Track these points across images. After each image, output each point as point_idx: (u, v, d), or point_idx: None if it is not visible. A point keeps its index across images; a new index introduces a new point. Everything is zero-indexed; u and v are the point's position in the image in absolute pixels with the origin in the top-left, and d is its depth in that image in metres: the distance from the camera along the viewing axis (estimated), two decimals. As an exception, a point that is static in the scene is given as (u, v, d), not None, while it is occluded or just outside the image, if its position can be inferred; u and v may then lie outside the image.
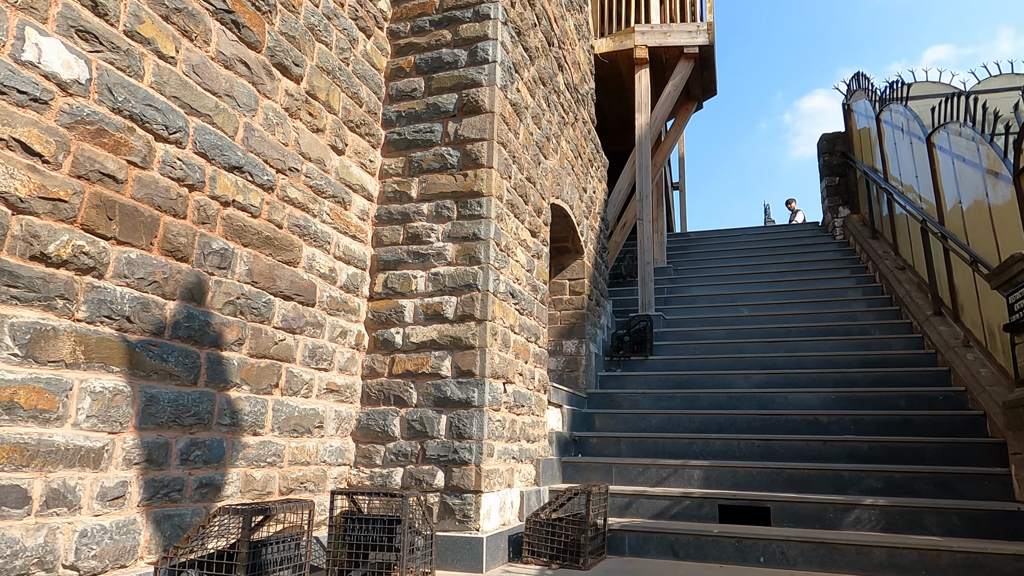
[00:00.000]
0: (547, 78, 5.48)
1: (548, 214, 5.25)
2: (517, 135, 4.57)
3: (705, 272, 9.56)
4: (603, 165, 7.90)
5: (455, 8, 4.47)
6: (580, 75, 7.50)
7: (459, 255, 4.03)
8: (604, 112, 10.18)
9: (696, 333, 7.39)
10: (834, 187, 10.44)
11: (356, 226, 4.07)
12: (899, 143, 7.76)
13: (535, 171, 4.95)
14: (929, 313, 6.33)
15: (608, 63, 8.78)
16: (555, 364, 6.54)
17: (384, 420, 3.92)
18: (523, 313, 4.52)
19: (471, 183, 4.11)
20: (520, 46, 4.79)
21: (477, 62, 4.31)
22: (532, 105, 4.99)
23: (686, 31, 8.42)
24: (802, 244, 10.08)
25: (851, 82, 10.32)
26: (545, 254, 5.11)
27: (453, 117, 4.27)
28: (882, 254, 8.18)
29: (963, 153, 5.67)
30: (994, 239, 5.18)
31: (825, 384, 5.86)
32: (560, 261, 6.80)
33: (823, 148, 10.68)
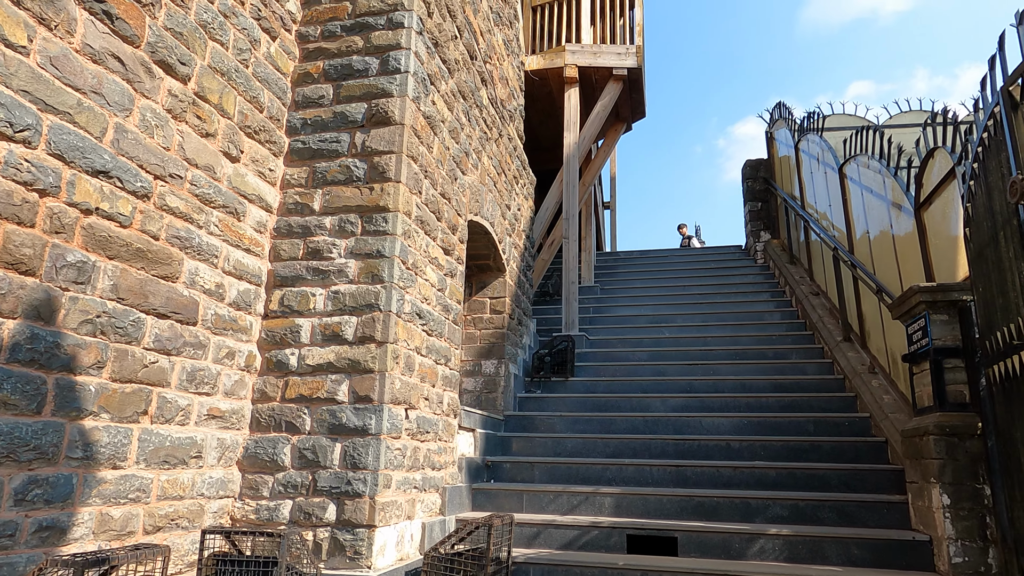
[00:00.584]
0: (468, 92, 5.35)
1: (465, 231, 5.10)
2: (431, 149, 4.40)
3: (632, 292, 9.61)
4: (530, 183, 7.83)
5: (368, 14, 4.29)
6: (508, 91, 7.42)
7: (362, 273, 3.81)
8: (535, 129, 10.15)
9: (618, 354, 7.37)
10: (756, 212, 10.72)
11: (251, 239, 3.80)
12: (815, 172, 8.01)
13: (451, 187, 4.79)
14: (839, 339, 6.49)
15: (539, 80, 8.75)
16: (473, 385, 6.36)
17: (274, 448, 3.65)
18: (431, 334, 4.33)
19: (377, 197, 3.91)
20: (437, 58, 4.64)
21: (389, 71, 4.13)
22: (450, 119, 4.84)
23: (616, 53, 8.48)
24: (725, 267, 10.27)
25: (773, 111, 10.65)
26: (459, 273, 4.95)
27: (361, 127, 4.07)
28: (799, 279, 8.40)
29: (871, 185, 5.85)
30: (897, 268, 5.34)
31: (739, 409, 5.90)
32: (481, 279, 6.65)
33: (747, 174, 10.97)
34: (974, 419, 3.72)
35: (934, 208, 4.51)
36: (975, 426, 3.69)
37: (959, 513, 3.62)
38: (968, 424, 3.71)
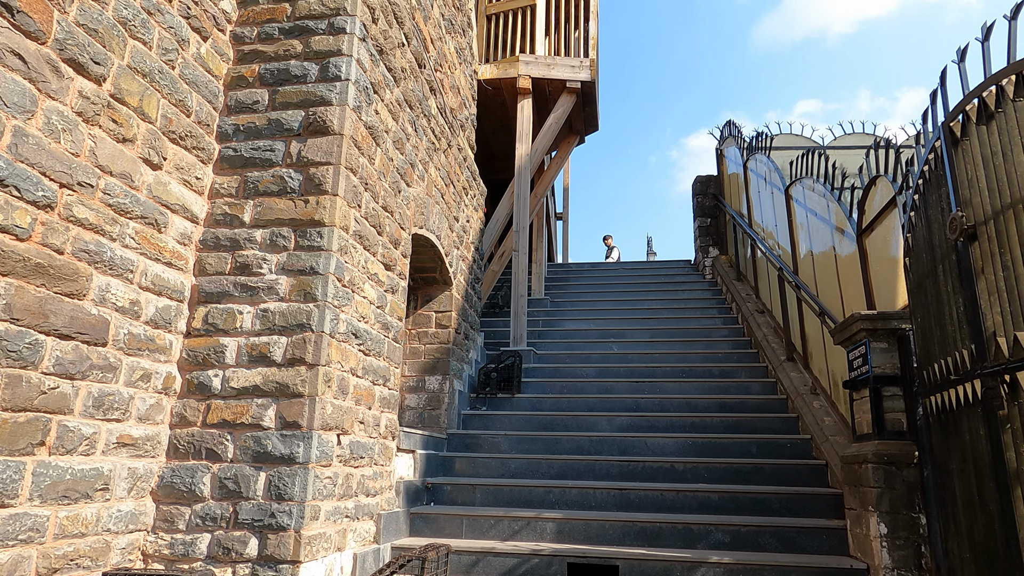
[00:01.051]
0: (415, 101, 5.19)
1: (408, 245, 4.92)
2: (372, 160, 4.22)
3: (581, 306, 9.56)
4: (480, 193, 7.69)
5: (308, 18, 4.08)
6: (460, 100, 7.28)
7: (293, 290, 3.60)
8: (487, 139, 10.04)
9: (566, 370, 7.28)
10: (705, 228, 10.83)
11: (173, 252, 3.55)
12: (762, 191, 8.11)
13: (394, 200, 4.62)
14: (783, 358, 6.55)
15: (492, 90, 8.64)
16: (416, 401, 6.18)
17: (192, 477, 3.40)
18: (369, 354, 4.14)
19: (312, 211, 3.71)
20: (383, 65, 4.47)
21: (328, 79, 3.94)
22: (394, 129, 4.66)
23: (570, 65, 8.43)
24: (674, 282, 10.34)
25: (723, 129, 10.80)
26: (401, 289, 4.77)
27: (298, 136, 3.86)
28: (745, 296, 8.49)
29: (815, 208, 5.92)
30: (839, 291, 5.40)
31: (684, 429, 5.87)
32: (427, 292, 6.47)
33: (697, 190, 11.08)
34: (911, 448, 3.74)
35: (876, 235, 4.56)
36: (912, 455, 3.71)
37: (895, 542, 3.63)
38: (905, 453, 3.73)
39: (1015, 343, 2.47)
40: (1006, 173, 2.54)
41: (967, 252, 2.79)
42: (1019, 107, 2.48)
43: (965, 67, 2.87)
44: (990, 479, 2.69)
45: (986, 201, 2.67)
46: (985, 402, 2.66)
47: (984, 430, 2.71)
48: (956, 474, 3.15)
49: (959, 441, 3.07)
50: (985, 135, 2.68)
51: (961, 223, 2.74)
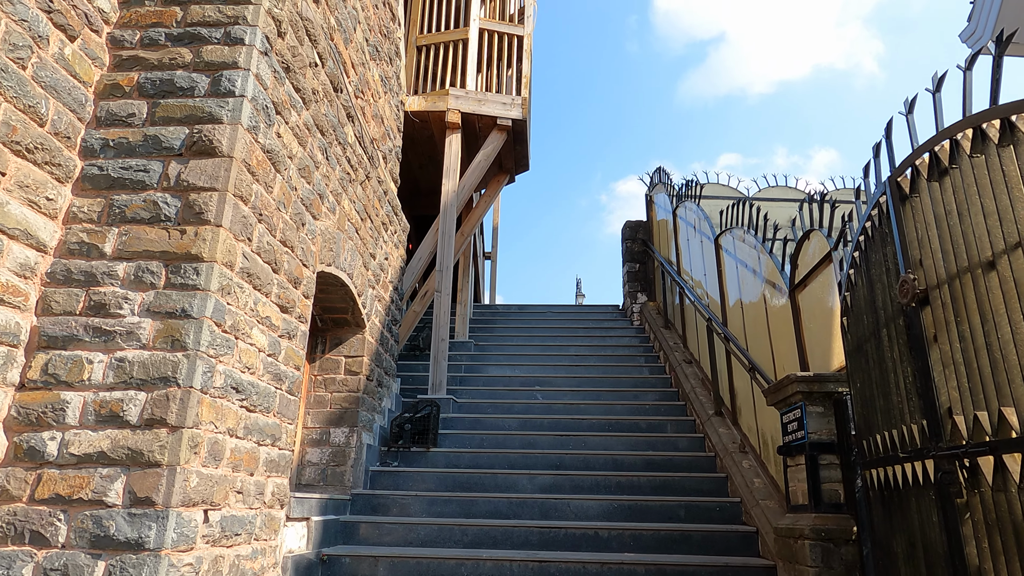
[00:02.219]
0: (329, 127, 4.73)
1: (311, 285, 4.40)
2: (270, 188, 3.72)
3: (507, 350, 9.15)
4: (402, 229, 7.24)
5: (202, 25, 3.59)
6: (383, 130, 6.86)
7: (159, 336, 3.03)
8: (414, 173, 9.64)
9: (488, 421, 6.81)
10: (634, 273, 10.71)
11: (8, 286, 2.92)
12: (691, 239, 8.01)
13: (295, 234, 4.11)
14: (711, 412, 6.31)
15: (420, 123, 8.27)
16: (319, 456, 5.55)
17: (9, 569, 2.72)
18: (254, 410, 3.57)
19: (189, 243, 3.16)
20: (289, 84, 4.01)
21: (220, 94, 3.44)
22: (300, 155, 4.18)
23: (501, 102, 8.18)
24: (603, 327, 10.10)
25: (653, 175, 10.80)
26: (301, 333, 4.23)
27: (179, 156, 3.33)
28: (672, 345, 8.31)
29: (746, 259, 5.78)
30: (770, 347, 5.21)
31: (610, 489, 5.49)
32: (337, 335, 5.92)
33: (626, 235, 10.99)
34: (850, 523, 3.47)
35: (810, 290, 4.38)
36: (851, 531, 3.44)
37: (835, 630, 3.32)
38: (844, 528, 3.45)
39: (975, 424, 2.21)
40: (962, 235, 2.32)
41: (918, 318, 2.56)
42: (976, 164, 2.28)
43: (913, 119, 2.69)
44: (946, 573, 2.40)
45: (940, 264, 2.44)
46: (940, 487, 2.39)
47: (938, 517, 2.43)
48: (902, 559, 2.87)
49: (906, 523, 2.80)
50: (938, 192, 2.47)
51: (913, 287, 2.51)
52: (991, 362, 2.15)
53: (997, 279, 2.16)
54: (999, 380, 2.10)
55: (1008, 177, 2.13)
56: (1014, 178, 2.12)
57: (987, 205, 2.21)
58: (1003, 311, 2.12)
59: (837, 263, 3.80)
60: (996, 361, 2.13)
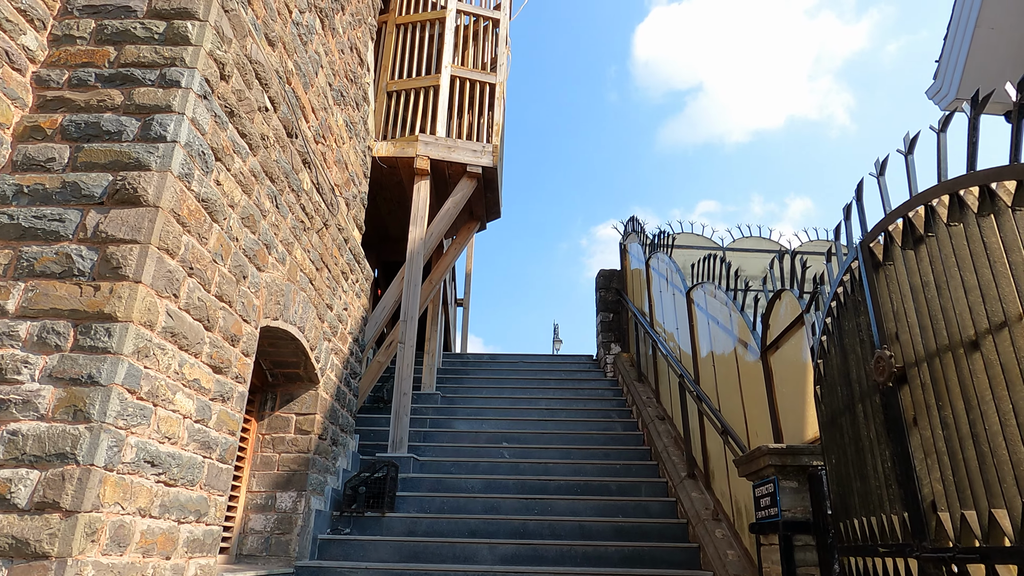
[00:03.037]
0: (280, 174, 4.50)
1: (253, 342, 4.09)
2: (204, 240, 3.45)
3: (475, 403, 8.81)
4: (365, 278, 6.97)
5: (136, 66, 3.37)
6: (347, 176, 6.65)
7: (61, 406, 2.70)
8: (383, 219, 9.43)
9: (450, 482, 6.44)
10: (608, 323, 10.50)
11: None
12: (663, 292, 7.84)
13: (235, 288, 3.82)
14: (683, 475, 6.02)
15: (388, 168, 8.09)
16: (263, 524, 5.14)
17: None
18: (174, 484, 3.22)
19: (103, 301, 2.87)
20: (233, 129, 3.78)
21: (150, 139, 3.19)
22: (244, 204, 3.93)
23: (471, 150, 8.04)
24: (575, 379, 9.82)
25: (627, 224, 10.70)
26: (238, 395, 3.90)
27: (99, 205, 3.06)
28: (645, 400, 8.04)
29: (717, 316, 5.58)
30: (743, 409, 4.97)
31: (576, 560, 5.14)
32: (288, 391, 5.57)
33: (600, 283, 10.82)
34: (828, 613, 3.18)
35: (782, 353, 4.17)
36: (829, 623, 3.14)
37: None
38: (822, 620, 3.16)
39: (963, 524, 1.96)
40: (941, 309, 2.12)
41: (896, 398, 2.33)
42: (954, 233, 2.09)
43: (885, 181, 2.52)
44: None
45: (917, 340, 2.23)
46: (926, 591, 2.12)
47: (924, 625, 2.16)
48: (885, 663, 2.58)
49: (888, 623, 2.51)
50: (913, 261, 2.28)
51: (890, 364, 2.29)
52: (978, 455, 1.92)
53: (982, 361, 1.94)
54: (988, 476, 1.87)
55: (990, 249, 1.95)
56: (996, 251, 1.93)
57: (968, 279, 2.01)
58: (989, 398, 1.90)
59: (809, 327, 3.60)
60: (984, 454, 1.90)
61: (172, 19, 3.49)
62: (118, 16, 3.51)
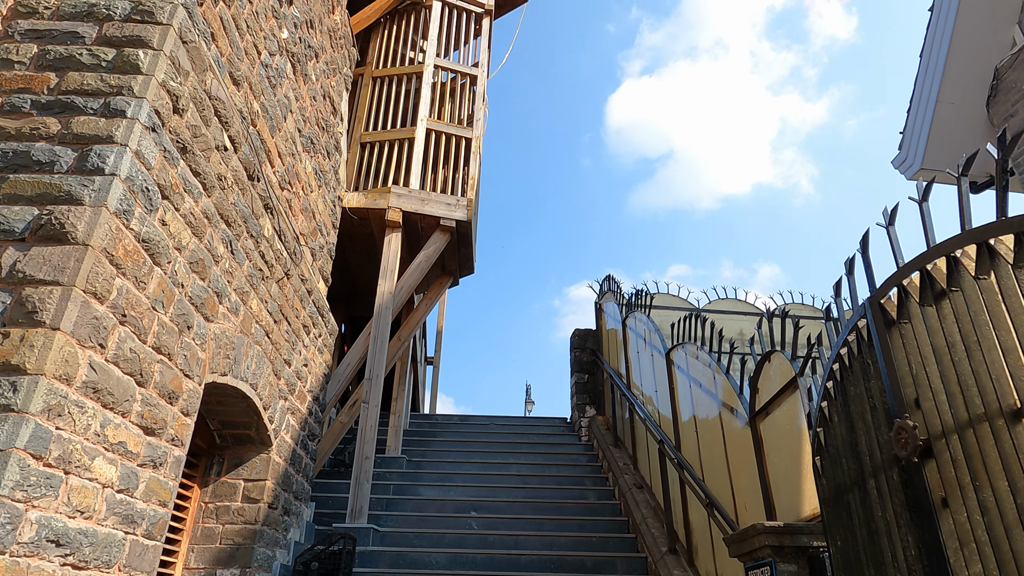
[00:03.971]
0: (238, 218, 4.19)
1: (195, 399, 3.68)
2: (142, 285, 3.09)
3: (444, 467, 8.32)
4: (329, 332, 6.59)
5: (78, 93, 3.09)
6: (314, 226, 6.36)
7: (-54, 474, 2.28)
8: (352, 271, 9.10)
9: (413, 556, 5.92)
10: (583, 384, 10.17)
11: None
12: (641, 352, 7.57)
13: (176, 338, 3.44)
14: (664, 550, 5.60)
15: (358, 220, 7.83)
16: (199, 606, 4.58)
17: None
18: (85, 567, 2.76)
19: (11, 350, 2.48)
20: (185, 167, 3.48)
21: (87, 171, 2.88)
22: (193, 247, 3.59)
23: (445, 203, 7.84)
24: (548, 443, 9.40)
25: (603, 283, 10.52)
26: (173, 460, 3.46)
27: (19, 242, 2.71)
28: (622, 466, 7.65)
29: (700, 378, 5.31)
30: (729, 480, 4.64)
31: (548, 648, 4.65)
32: (237, 454, 5.09)
33: (575, 343, 10.53)
34: None
35: (774, 419, 3.89)
36: None
37: None
38: None
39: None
40: (973, 373, 1.86)
41: (920, 475, 2.05)
42: (985, 287, 1.86)
43: (895, 232, 2.32)
44: None
45: (944, 408, 1.97)
46: None
47: None
48: None
49: None
50: (935, 319, 2.04)
51: (913, 436, 2.02)
52: (1030, 547, 1.63)
53: (1027, 434, 1.68)
54: (1045, 573, 1.58)
55: (1030, 305, 1.71)
56: (1037, 307, 1.70)
57: (1005, 338, 1.78)
58: (1040, 478, 1.63)
59: (804, 392, 3.33)
60: (1037, 546, 1.61)
61: (123, 47, 3.24)
62: (64, 42, 3.25)
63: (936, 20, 8.59)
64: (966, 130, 8.73)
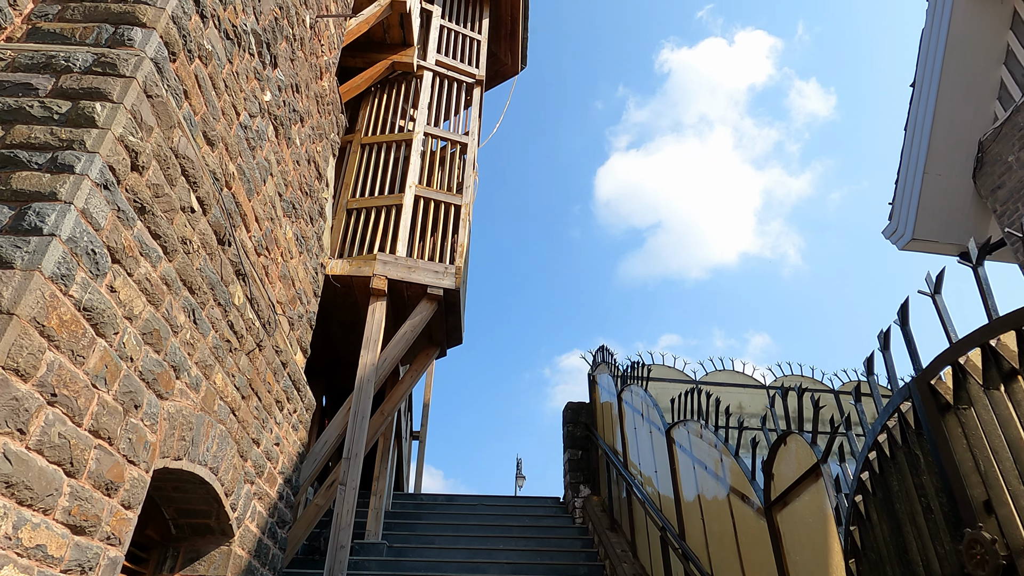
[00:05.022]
0: (204, 285, 3.86)
1: (141, 489, 3.25)
2: (80, 359, 2.72)
3: (427, 555, 7.69)
4: (306, 407, 6.15)
5: (24, 147, 2.81)
6: (293, 293, 6.03)
7: None
8: (334, 342, 8.72)
9: (388, 661, 5.30)
10: (576, 462, 9.64)
11: None
12: (639, 428, 7.14)
13: (120, 419, 3.04)
14: (670, 654, 5.03)
15: (342, 288, 7.52)
16: None
17: None
18: None
19: (-97, 439, 2.09)
20: (142, 228, 3.18)
21: (22, 231, 2.57)
22: (148, 317, 3.25)
23: (433, 271, 7.56)
24: (540, 526, 8.79)
25: (596, 354, 10.17)
26: (108, 562, 3.00)
27: (-67, 310, 2.36)
28: (620, 553, 7.08)
29: (705, 460, 4.89)
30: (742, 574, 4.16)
31: None
32: (194, 546, 4.58)
33: (567, 418, 10.06)
34: None
35: (794, 511, 3.47)
36: None
37: None
38: None
39: None
40: (1065, 475, 1.52)
41: (1000, 599, 1.66)
42: (1072, 368, 1.54)
43: (943, 301, 2.01)
44: None
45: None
46: None
47: None
48: None
49: None
50: (1005, 405, 1.71)
51: (993, 553, 1.65)
52: None
53: None
54: None
55: None
56: None
57: (1106, 433, 1.45)
58: None
59: (830, 481, 2.95)
60: None
61: (80, 99, 2.99)
62: (15, 93, 3.00)
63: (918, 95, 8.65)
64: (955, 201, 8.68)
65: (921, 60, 8.26)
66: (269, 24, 5.22)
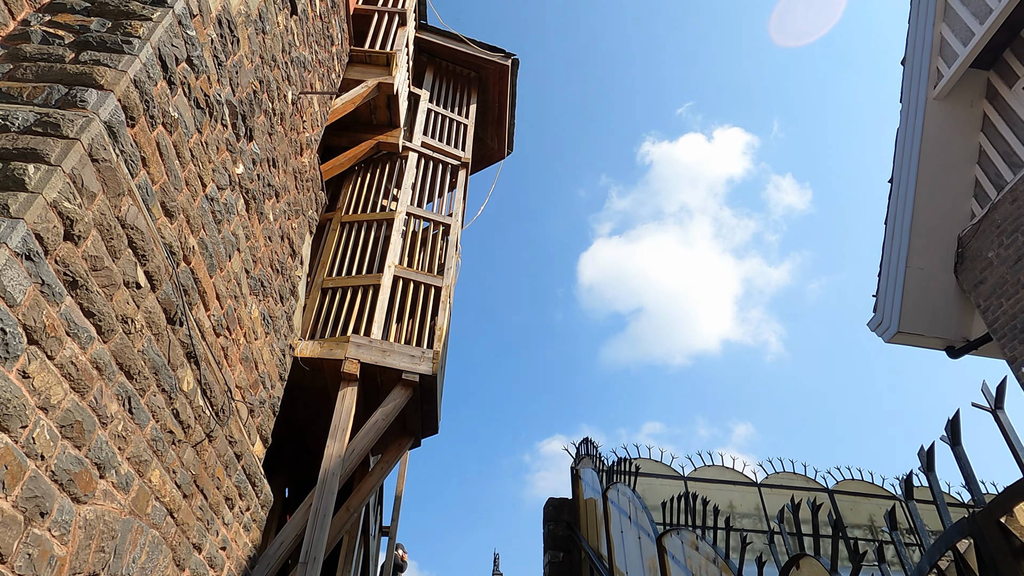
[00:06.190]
0: (145, 369, 3.44)
1: (39, 616, 2.71)
2: (-30, 459, 2.28)
3: (388, 673, 6.87)
4: (262, 503, 5.58)
5: (-63, 211, 2.46)
6: (256, 377, 5.58)
7: None
8: (301, 429, 8.16)
9: None
10: (557, 564, 8.92)
11: None
12: (626, 532, 6.59)
13: (20, 532, 2.56)
14: None
15: (311, 371, 7.06)
16: None
17: None
18: None
19: None
20: (72, 305, 2.80)
21: (-85, 305, 2.18)
22: (69, 406, 2.82)
23: (409, 355, 7.16)
24: (516, 639, 7.99)
25: (580, 447, 9.65)
26: None
27: None
28: (605, 676, 6.36)
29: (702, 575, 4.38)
30: None
31: None
32: (113, 675, 3.92)
33: (549, 515, 9.41)
34: None
35: (810, 650, 3.00)
36: None
37: None
38: None
39: None
40: None
41: None
42: None
43: (1007, 418, 1.68)
44: None
45: None
46: None
47: None
48: None
49: None
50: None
51: None
52: None
53: None
54: None
55: None
56: None
57: None
58: None
59: (857, 619, 2.51)
60: None
61: (12, 160, 2.68)
62: (-60, 153, 2.69)
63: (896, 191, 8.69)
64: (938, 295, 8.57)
65: (898, 158, 8.35)
66: (247, 96, 5.05)
